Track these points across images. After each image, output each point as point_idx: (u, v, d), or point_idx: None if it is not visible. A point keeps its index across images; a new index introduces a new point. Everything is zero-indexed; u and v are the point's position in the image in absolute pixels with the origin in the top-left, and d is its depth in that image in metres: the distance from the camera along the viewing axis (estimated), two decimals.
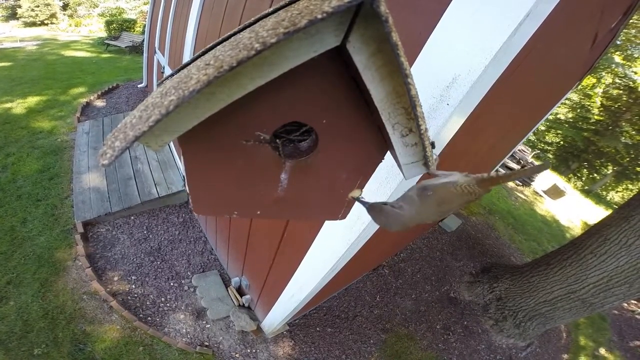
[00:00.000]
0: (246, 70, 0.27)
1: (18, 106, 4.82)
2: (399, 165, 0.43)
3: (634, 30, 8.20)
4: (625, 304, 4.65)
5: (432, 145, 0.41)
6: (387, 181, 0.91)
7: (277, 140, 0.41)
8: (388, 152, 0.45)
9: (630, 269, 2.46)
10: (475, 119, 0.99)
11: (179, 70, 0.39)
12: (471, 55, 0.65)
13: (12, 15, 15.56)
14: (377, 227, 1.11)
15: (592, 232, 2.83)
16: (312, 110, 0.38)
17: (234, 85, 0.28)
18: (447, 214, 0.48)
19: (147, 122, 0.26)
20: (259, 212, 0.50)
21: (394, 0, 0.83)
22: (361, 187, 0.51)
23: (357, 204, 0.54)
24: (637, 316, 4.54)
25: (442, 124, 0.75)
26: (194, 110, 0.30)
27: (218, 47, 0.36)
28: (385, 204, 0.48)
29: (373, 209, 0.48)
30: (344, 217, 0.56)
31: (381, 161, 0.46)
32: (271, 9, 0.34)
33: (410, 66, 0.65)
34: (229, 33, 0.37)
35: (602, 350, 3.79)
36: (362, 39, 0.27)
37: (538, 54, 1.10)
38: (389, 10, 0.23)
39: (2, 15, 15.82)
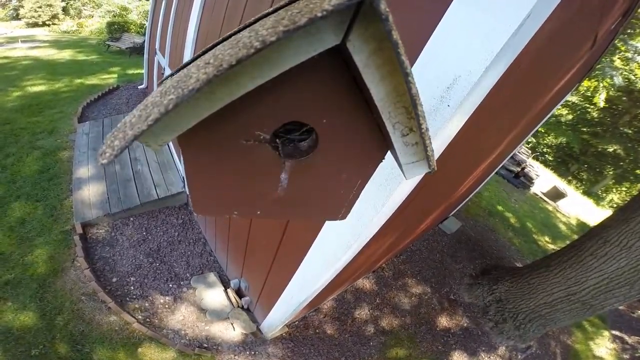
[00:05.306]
0: (246, 69, 0.27)
1: (18, 107, 4.82)
2: (400, 165, 0.43)
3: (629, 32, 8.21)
4: (625, 306, 4.65)
5: None
6: (387, 182, 0.91)
7: (277, 140, 0.41)
8: (388, 152, 0.45)
9: (631, 270, 2.46)
10: (476, 120, 0.99)
11: (179, 70, 0.38)
12: (472, 56, 0.66)
13: (15, 16, 15.62)
14: (377, 228, 1.11)
15: (592, 234, 2.83)
16: (312, 109, 0.38)
17: (233, 84, 0.28)
18: None
19: (147, 121, 0.26)
20: (259, 212, 0.49)
21: (395, 0, 0.83)
22: (362, 186, 0.51)
23: (357, 204, 0.53)
24: (637, 317, 4.53)
25: (443, 124, 0.75)
26: (194, 109, 0.30)
27: (218, 46, 0.36)
28: None
29: None
30: (344, 217, 0.56)
31: (382, 161, 0.46)
32: (271, 9, 0.34)
33: (411, 67, 0.65)
34: (228, 33, 0.37)
35: (602, 352, 3.78)
36: (362, 38, 0.27)
37: (539, 55, 1.10)
38: (390, 9, 0.23)
39: (4, 16, 15.88)
